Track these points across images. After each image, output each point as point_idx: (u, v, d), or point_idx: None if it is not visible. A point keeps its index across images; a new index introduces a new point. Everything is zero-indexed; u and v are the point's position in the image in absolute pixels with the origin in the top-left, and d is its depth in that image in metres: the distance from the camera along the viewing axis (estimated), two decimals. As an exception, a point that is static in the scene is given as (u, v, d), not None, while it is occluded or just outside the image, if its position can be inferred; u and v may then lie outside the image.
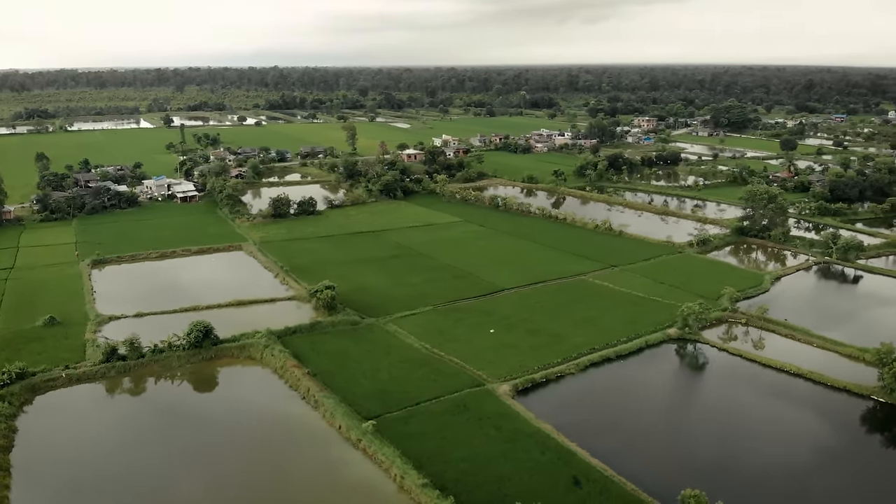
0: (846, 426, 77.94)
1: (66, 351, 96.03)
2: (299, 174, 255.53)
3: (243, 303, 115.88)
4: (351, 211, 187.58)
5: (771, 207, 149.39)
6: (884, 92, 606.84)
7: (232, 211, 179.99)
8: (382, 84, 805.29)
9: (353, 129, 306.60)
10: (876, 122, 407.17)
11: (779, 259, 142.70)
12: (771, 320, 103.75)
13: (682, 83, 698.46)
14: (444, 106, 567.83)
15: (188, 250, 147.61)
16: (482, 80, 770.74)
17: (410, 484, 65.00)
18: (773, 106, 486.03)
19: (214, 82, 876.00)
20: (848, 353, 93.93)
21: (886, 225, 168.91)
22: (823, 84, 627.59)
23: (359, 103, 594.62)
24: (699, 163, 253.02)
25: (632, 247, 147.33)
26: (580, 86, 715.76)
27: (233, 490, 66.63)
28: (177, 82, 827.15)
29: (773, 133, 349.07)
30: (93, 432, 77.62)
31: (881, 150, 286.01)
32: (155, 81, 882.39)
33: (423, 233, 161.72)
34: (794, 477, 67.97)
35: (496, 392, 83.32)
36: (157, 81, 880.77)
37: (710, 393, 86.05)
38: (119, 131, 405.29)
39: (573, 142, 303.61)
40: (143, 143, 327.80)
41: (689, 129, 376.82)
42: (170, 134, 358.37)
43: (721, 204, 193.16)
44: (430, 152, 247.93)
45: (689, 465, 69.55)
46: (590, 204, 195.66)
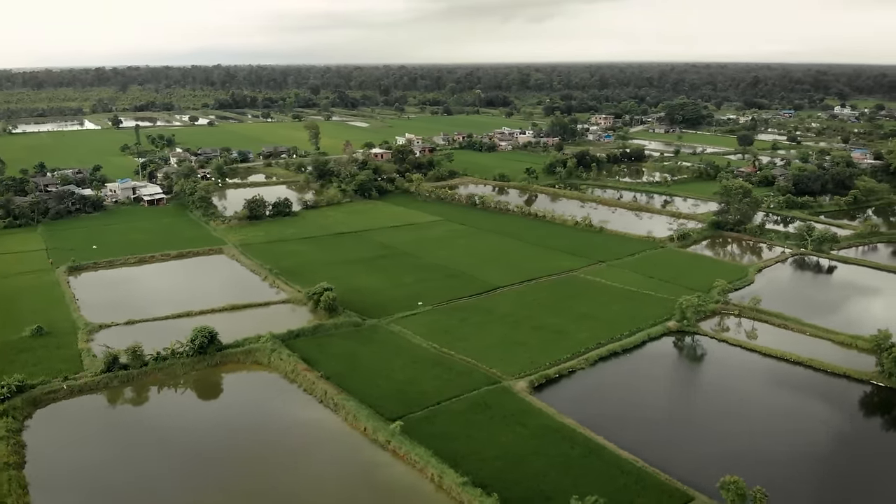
0: (852, 410, 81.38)
1: (60, 362, 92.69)
2: (263, 175, 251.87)
3: (237, 307, 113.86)
4: (328, 211, 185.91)
5: (746, 202, 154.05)
6: (826, 88, 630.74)
7: (205, 214, 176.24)
8: (333, 82, 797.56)
9: (315, 128, 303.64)
10: (823, 117, 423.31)
11: (756, 252, 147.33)
12: (763, 311, 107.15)
13: (631, 81, 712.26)
14: (400, 104, 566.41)
15: (167, 255, 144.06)
16: (434, 79, 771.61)
17: (450, 483, 65.08)
18: (723, 103, 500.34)
19: (158, 82, 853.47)
20: (840, 340, 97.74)
21: (849, 217, 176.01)
22: (768, 81, 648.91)
23: (311, 102, 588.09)
24: (662, 159, 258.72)
25: (614, 242, 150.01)
26: (532, 84, 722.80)
27: (268, 501, 65.48)
28: (119, 82, 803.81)
29: (728, 129, 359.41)
30: (105, 445, 75.13)
31: (832, 144, 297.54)
32: (95, 81, 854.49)
33: (405, 232, 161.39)
34: (817, 461, 70.80)
35: (513, 389, 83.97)
36: (97, 81, 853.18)
37: (718, 382, 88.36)
38: (66, 133, 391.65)
39: (536, 140, 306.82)
40: (93, 145, 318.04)
41: (644, 126, 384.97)
42: (120, 135, 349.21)
43: (688, 199, 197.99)
44: (399, 151, 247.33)
45: (713, 453, 71.45)
46: (563, 201, 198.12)
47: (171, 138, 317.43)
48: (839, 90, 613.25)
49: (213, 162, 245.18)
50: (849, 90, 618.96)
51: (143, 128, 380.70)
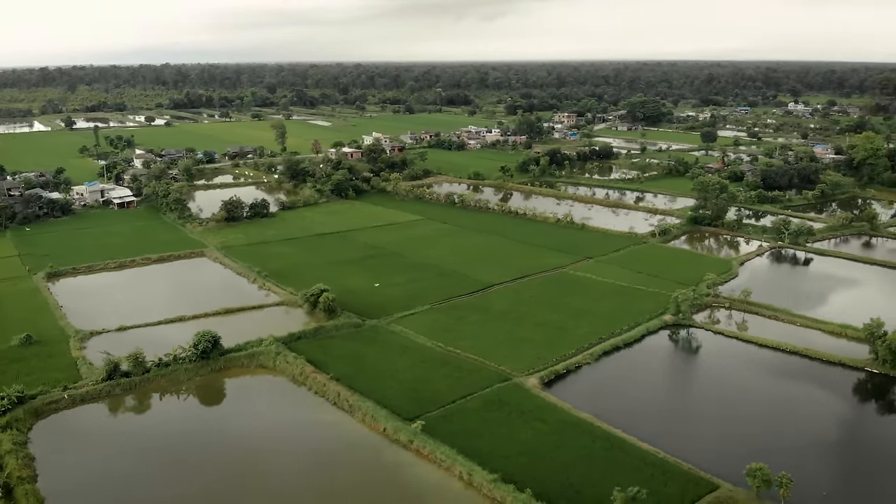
0: (851, 396, 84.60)
1: (55, 371, 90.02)
2: (231, 175, 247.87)
3: (231, 311, 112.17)
4: (305, 212, 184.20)
5: (723, 197, 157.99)
6: (777, 84, 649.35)
7: (181, 216, 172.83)
8: (289, 81, 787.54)
9: (282, 127, 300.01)
10: (778, 113, 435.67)
11: (734, 246, 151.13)
12: (753, 303, 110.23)
13: (588, 79, 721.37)
14: (360, 103, 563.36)
15: (148, 259, 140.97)
16: (393, 77, 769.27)
17: (480, 480, 65.46)
18: (679, 100, 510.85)
19: (106, 81, 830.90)
20: (830, 330, 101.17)
21: (817, 210, 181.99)
22: (721, 78, 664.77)
23: (269, 101, 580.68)
24: (630, 156, 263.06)
25: (597, 239, 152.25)
26: (490, 83, 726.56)
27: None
28: (65, 82, 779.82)
29: (688, 126, 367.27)
30: (116, 456, 73.14)
31: (790, 139, 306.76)
32: (40, 81, 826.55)
33: (389, 232, 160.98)
34: (829, 446, 73.41)
35: (525, 386, 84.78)
36: (43, 82, 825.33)
37: (720, 373, 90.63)
38: (18, 135, 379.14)
39: (504, 138, 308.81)
40: (48, 148, 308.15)
41: (607, 124, 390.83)
42: (75, 137, 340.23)
43: (660, 195, 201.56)
44: (371, 150, 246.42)
45: (729, 442, 73.41)
46: (539, 199, 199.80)
47: (130, 139, 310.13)
48: (791, 87, 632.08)
49: (180, 163, 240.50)
50: (800, 87, 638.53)
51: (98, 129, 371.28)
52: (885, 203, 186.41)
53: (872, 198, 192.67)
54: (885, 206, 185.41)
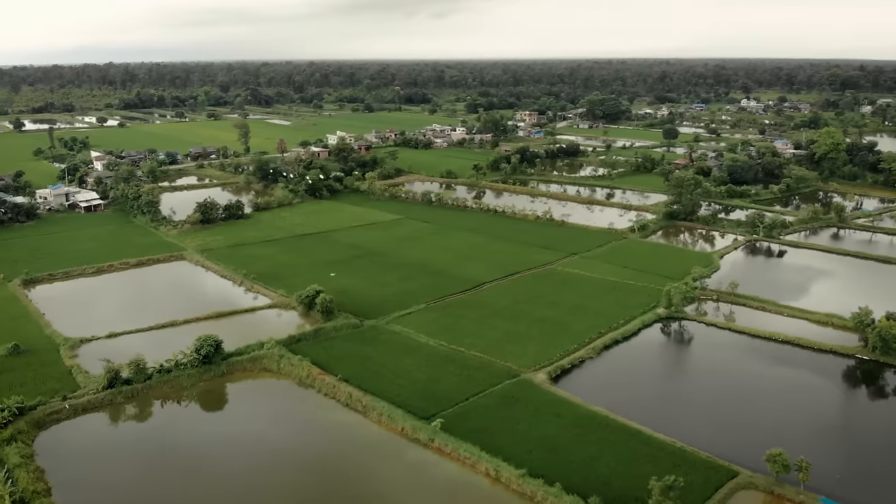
0: (846, 382, 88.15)
1: (50, 380, 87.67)
2: (195, 177, 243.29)
3: (223, 314, 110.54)
4: (281, 213, 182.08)
5: (697, 192, 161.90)
6: (727, 81, 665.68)
7: (154, 219, 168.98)
8: (241, 79, 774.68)
9: (245, 127, 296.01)
10: (732, 109, 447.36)
11: (710, 240, 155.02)
12: (740, 295, 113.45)
13: (543, 78, 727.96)
14: (318, 101, 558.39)
15: (126, 263, 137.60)
16: (348, 75, 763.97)
17: (508, 476, 66.17)
18: (635, 98, 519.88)
19: (50, 81, 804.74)
20: (816, 319, 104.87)
21: (783, 203, 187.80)
22: (673, 76, 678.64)
23: (222, 100, 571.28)
24: (597, 154, 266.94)
25: (579, 235, 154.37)
26: (447, 81, 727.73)
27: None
28: (7, 83, 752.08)
29: (647, 123, 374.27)
30: (129, 466, 71.54)
31: (747, 135, 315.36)
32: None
33: (370, 232, 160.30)
34: (836, 430, 76.41)
35: (535, 381, 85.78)
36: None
37: (720, 363, 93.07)
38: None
39: (470, 136, 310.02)
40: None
41: (568, 122, 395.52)
42: (26, 139, 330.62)
43: (629, 191, 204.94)
44: (341, 149, 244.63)
45: (739, 430, 75.60)
46: (513, 196, 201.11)
47: (85, 140, 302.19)
48: (743, 84, 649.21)
49: (143, 165, 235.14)
50: (751, 83, 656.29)
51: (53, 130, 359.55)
52: (847, 196, 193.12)
53: (835, 191, 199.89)
54: (848, 198, 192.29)
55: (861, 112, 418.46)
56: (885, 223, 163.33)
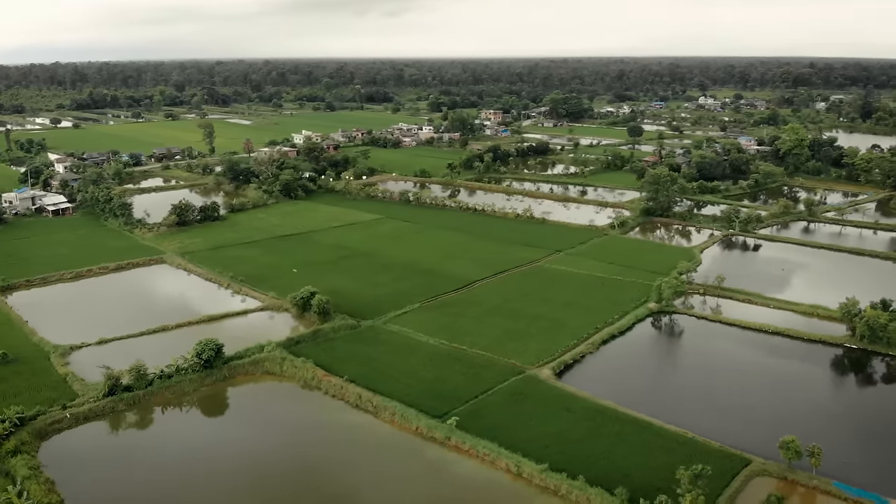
0: (838, 370, 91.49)
1: (45, 389, 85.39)
2: (161, 178, 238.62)
3: (214, 318, 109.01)
4: (258, 214, 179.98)
5: (674, 189, 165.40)
6: (682, 79, 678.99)
7: (127, 222, 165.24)
8: (195, 78, 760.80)
9: (210, 127, 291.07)
10: (690, 107, 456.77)
11: (686, 235, 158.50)
12: (726, 288, 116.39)
13: (502, 76, 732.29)
14: (277, 101, 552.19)
15: (105, 268, 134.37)
16: (306, 74, 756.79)
17: (530, 471, 66.97)
18: (594, 96, 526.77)
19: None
20: (802, 310, 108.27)
21: (751, 198, 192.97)
22: (630, 75, 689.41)
23: (178, 100, 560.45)
24: (566, 152, 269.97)
25: (560, 232, 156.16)
26: (407, 80, 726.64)
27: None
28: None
29: (610, 121, 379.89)
30: (138, 475, 69.83)
31: (708, 132, 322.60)
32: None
33: (352, 232, 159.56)
34: (836, 417, 79.20)
35: (540, 377, 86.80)
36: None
37: (716, 355, 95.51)
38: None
39: (439, 135, 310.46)
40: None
41: (532, 120, 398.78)
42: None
43: (600, 188, 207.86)
44: (311, 149, 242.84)
45: (746, 419, 77.73)
46: (489, 195, 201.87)
47: (42, 142, 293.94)
48: (700, 82, 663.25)
49: (107, 166, 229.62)
50: (707, 81, 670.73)
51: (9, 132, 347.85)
52: (815, 190, 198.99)
53: (800, 186, 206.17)
54: (812, 193, 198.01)
55: (816, 108, 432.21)
56: (852, 216, 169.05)
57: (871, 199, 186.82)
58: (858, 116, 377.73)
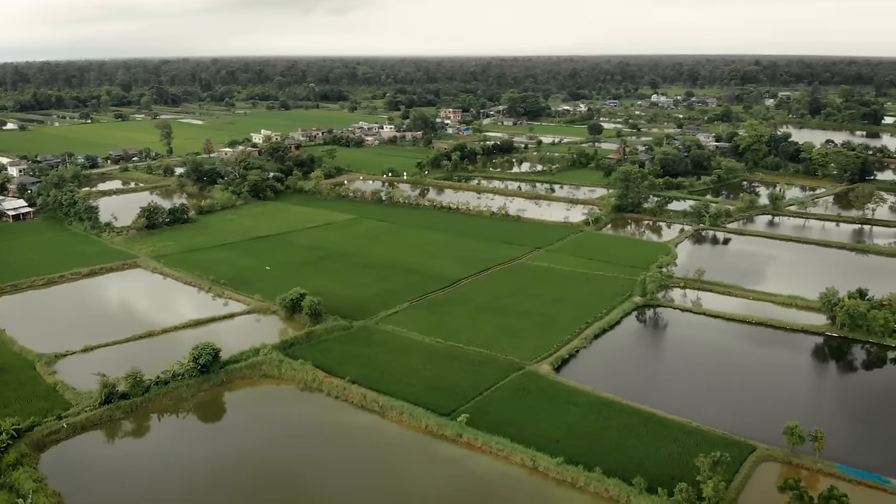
0: (822, 357, 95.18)
1: (36, 399, 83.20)
2: (120, 181, 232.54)
3: (201, 322, 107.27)
4: (227, 215, 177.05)
5: (644, 185, 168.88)
6: (632, 77, 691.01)
7: (94, 226, 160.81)
8: (141, 78, 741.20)
9: (168, 127, 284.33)
10: (643, 105, 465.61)
11: (657, 230, 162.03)
12: (706, 281, 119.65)
13: (456, 75, 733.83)
14: (229, 100, 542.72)
15: (77, 273, 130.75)
16: (256, 72, 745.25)
17: (546, 465, 68.01)
18: (549, 95, 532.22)
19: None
20: (781, 301, 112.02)
21: (714, 193, 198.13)
22: (582, 73, 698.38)
23: (126, 100, 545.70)
24: (530, 150, 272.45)
25: (537, 230, 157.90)
26: (360, 78, 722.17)
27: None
28: None
29: (568, 120, 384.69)
30: (145, 484, 68.60)
31: (664, 129, 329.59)
32: None
33: (328, 232, 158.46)
34: (830, 401, 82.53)
35: (540, 372, 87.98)
36: None
37: (705, 345, 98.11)
38: None
39: (401, 134, 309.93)
40: None
41: (491, 119, 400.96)
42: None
43: (566, 186, 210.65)
44: (275, 149, 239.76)
45: (745, 406, 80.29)
46: (459, 193, 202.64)
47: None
48: (651, 80, 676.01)
49: (63, 169, 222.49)
50: (658, 79, 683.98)
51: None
52: (779, 185, 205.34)
53: (760, 181, 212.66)
54: (772, 187, 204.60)
55: (766, 105, 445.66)
56: (813, 210, 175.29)
57: (830, 193, 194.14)
58: (808, 112, 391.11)
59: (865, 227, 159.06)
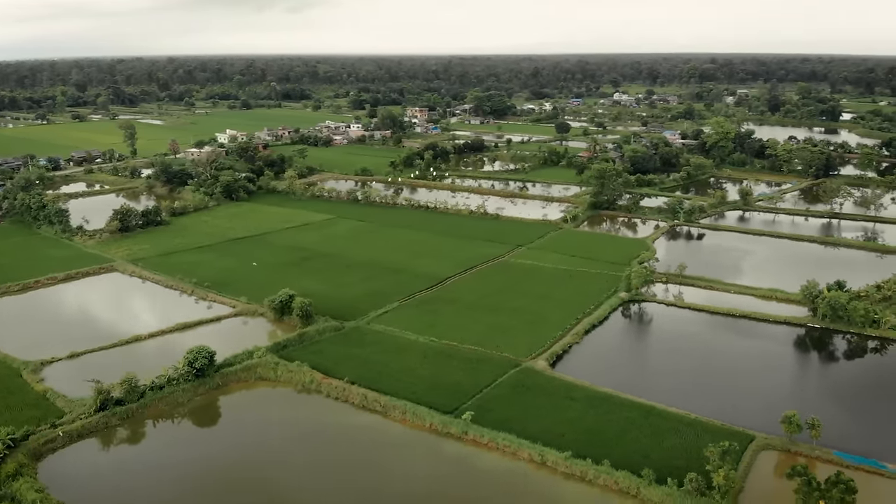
0: (806, 348, 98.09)
1: (26, 408, 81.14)
2: (84, 183, 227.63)
3: (188, 325, 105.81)
4: (201, 217, 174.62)
5: (619, 182, 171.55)
6: (592, 76, 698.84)
7: (66, 229, 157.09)
8: (96, 78, 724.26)
9: (132, 128, 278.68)
10: (606, 103, 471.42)
11: (632, 227, 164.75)
12: (688, 276, 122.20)
13: (418, 74, 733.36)
14: (188, 99, 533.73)
15: (53, 278, 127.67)
16: (215, 71, 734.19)
17: (554, 459, 68.91)
18: (512, 94, 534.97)
19: None
20: (761, 294, 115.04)
21: (684, 190, 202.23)
22: (543, 72, 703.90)
23: (82, 100, 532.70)
24: (500, 148, 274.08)
25: (517, 228, 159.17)
26: (322, 76, 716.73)
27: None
28: None
29: (534, 118, 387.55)
30: (148, 493, 67.44)
31: (629, 127, 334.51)
32: None
33: (307, 233, 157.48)
34: (822, 390, 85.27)
35: (537, 368, 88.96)
36: None
37: (693, 338, 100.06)
38: None
39: (370, 133, 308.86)
40: None
41: (458, 117, 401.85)
42: None
43: (538, 184, 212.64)
44: (244, 149, 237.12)
45: (738, 397, 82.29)
46: (434, 192, 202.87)
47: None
48: (613, 78, 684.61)
49: (26, 171, 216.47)
50: (619, 78, 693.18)
51: None
52: (739, 181, 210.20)
53: (728, 177, 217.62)
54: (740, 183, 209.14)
55: (726, 103, 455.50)
56: (783, 205, 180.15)
57: (796, 188, 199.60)
58: (767, 109, 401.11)
59: (834, 221, 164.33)
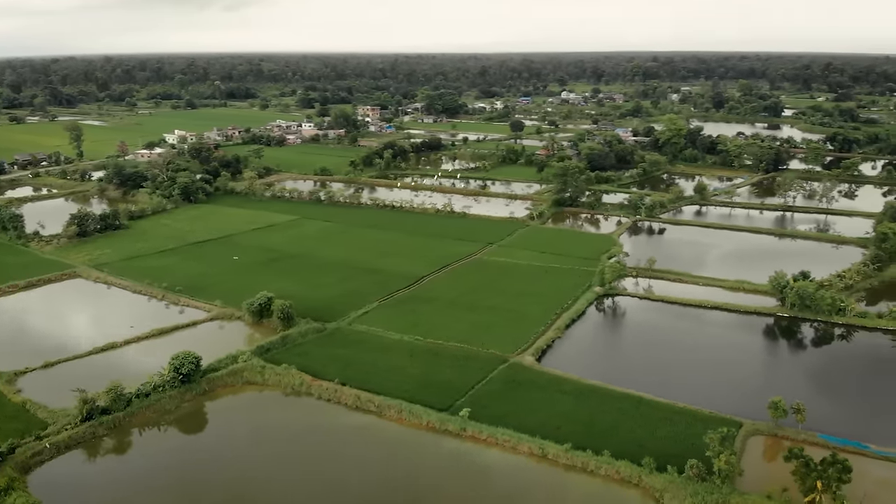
0: (779, 336, 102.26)
1: (6, 420, 78.85)
2: (31, 187, 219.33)
3: (164, 331, 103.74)
4: (161, 220, 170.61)
5: (583, 179, 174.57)
6: (538, 74, 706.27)
7: (20, 235, 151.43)
8: (30, 78, 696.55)
9: (78, 129, 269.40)
10: (555, 102, 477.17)
11: (595, 223, 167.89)
12: (658, 270, 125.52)
13: (365, 72, 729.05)
14: (130, 99, 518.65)
15: (14, 286, 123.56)
16: (155, 70, 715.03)
17: (555, 451, 70.33)
18: (461, 92, 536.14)
19: None
20: (729, 286, 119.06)
21: (639, 186, 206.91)
22: (491, 70, 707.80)
23: (17, 101, 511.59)
24: (457, 147, 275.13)
25: (485, 225, 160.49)
26: (267, 75, 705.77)
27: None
28: None
29: (486, 117, 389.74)
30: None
31: (579, 125, 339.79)
32: None
33: (273, 234, 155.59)
34: (798, 376, 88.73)
35: (525, 364, 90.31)
36: None
37: (670, 330, 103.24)
38: None
39: (323, 132, 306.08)
40: None
41: (410, 116, 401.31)
42: None
43: (498, 182, 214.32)
44: (198, 149, 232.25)
45: (721, 385, 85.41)
46: (395, 191, 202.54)
47: None
48: (560, 77, 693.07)
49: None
50: (565, 76, 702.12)
51: None
52: (692, 177, 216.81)
53: (681, 173, 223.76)
54: (695, 179, 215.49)
55: (671, 100, 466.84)
56: (737, 199, 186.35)
57: (748, 182, 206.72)
58: (712, 106, 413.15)
59: (787, 213, 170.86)
